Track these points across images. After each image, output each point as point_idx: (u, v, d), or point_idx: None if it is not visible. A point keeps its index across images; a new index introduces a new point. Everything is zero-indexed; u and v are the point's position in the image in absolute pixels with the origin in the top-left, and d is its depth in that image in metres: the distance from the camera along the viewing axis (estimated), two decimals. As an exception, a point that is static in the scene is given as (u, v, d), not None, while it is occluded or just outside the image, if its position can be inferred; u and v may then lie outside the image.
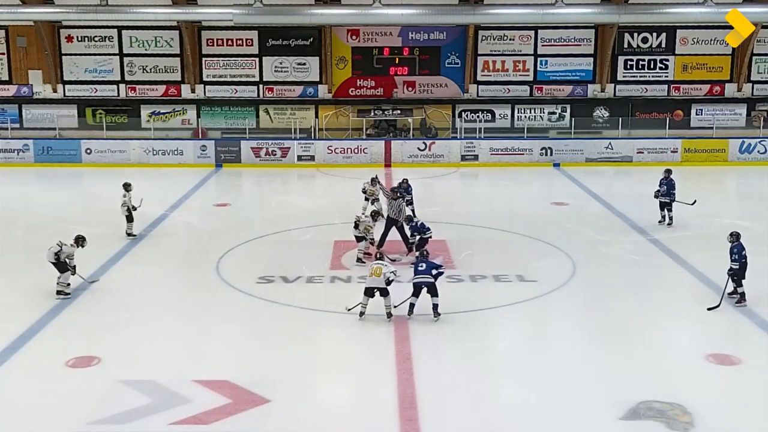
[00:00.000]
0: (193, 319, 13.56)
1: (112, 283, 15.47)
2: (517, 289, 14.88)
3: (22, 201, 24.32)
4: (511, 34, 32.36)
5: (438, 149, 30.62)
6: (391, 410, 9.88)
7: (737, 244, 13.72)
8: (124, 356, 11.68)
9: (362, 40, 32.51)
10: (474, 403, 10.22)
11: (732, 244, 13.75)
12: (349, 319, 13.14)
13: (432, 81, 32.80)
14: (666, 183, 19.70)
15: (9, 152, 30.77)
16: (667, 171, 20.10)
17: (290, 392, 10.42)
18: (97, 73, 32.94)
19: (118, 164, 29.92)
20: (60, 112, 32.89)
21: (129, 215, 18.69)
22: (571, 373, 11.14)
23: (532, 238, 18.76)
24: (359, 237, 16.60)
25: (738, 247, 13.68)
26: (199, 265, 16.64)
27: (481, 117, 32.57)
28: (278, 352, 11.94)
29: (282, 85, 32.96)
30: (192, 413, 9.68)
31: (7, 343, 11.99)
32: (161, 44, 32.71)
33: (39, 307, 13.68)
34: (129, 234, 18.68)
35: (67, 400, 10.17)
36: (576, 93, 32.90)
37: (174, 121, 33.15)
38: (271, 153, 30.51)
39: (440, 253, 17.14)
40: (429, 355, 11.68)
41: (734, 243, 13.74)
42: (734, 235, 13.87)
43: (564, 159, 30.31)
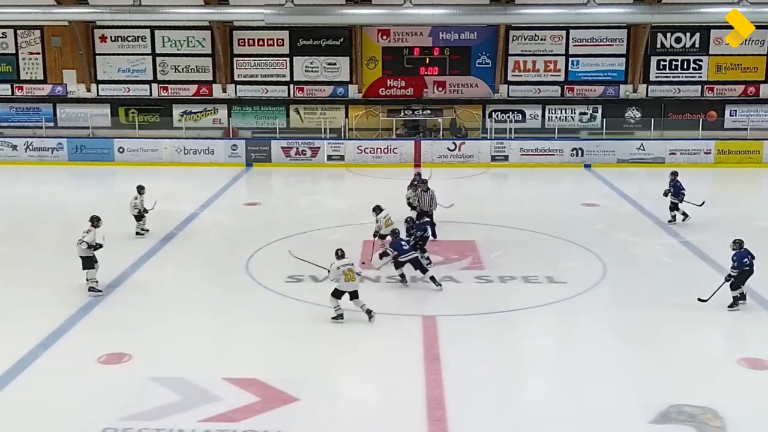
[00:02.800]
0: (223, 317, 13.65)
1: (143, 280, 15.63)
2: (547, 291, 14.80)
3: (55, 199, 24.60)
4: (543, 34, 32.15)
5: (468, 149, 30.54)
6: (419, 410, 9.85)
7: (738, 252, 13.54)
8: (154, 353, 11.76)
9: (393, 40, 32.51)
10: (502, 405, 10.18)
11: (734, 251, 13.59)
12: (378, 319, 13.12)
13: (462, 81, 32.69)
14: (673, 185, 19.68)
15: (43, 150, 31.15)
16: (673, 173, 20.08)
17: (319, 391, 10.43)
18: (130, 72, 33.27)
19: (150, 163, 30.22)
20: (93, 111, 33.24)
21: (138, 215, 18.76)
22: (600, 376, 11.06)
23: (562, 239, 18.65)
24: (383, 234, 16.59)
25: (739, 255, 13.50)
26: (229, 264, 16.75)
27: (511, 117, 32.41)
28: (307, 351, 11.97)
29: (312, 84, 33.04)
30: (221, 411, 9.72)
31: (40, 340, 12.09)
32: (193, 44, 32.96)
33: (71, 303, 13.81)
34: (138, 233, 18.72)
35: (98, 396, 10.23)
36: (608, 93, 32.62)
37: (205, 120, 33.37)
38: (301, 153, 30.60)
39: (469, 254, 17.14)
40: (457, 356, 11.63)
41: (736, 251, 13.57)
42: (737, 242, 13.70)
43: (595, 160, 30.09)
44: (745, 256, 13.54)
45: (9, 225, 20.73)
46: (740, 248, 13.63)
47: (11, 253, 17.71)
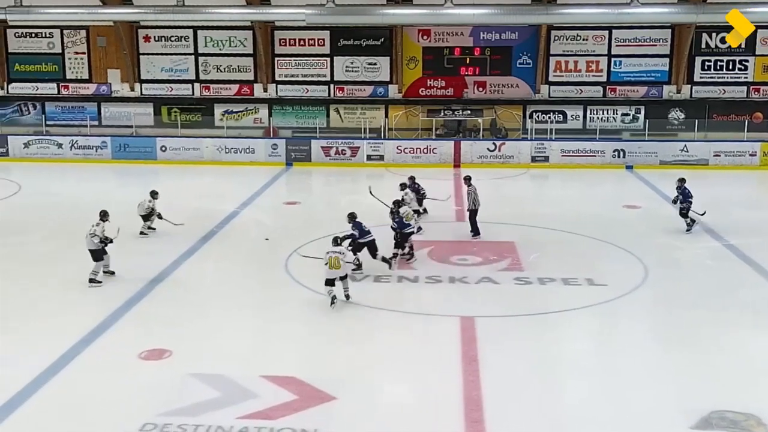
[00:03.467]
0: (262, 315, 13.72)
1: (184, 277, 15.78)
2: (587, 293, 14.62)
3: (99, 196, 24.77)
4: (585, 34, 31.99)
5: (508, 150, 30.42)
6: (456, 412, 9.80)
7: None
8: (194, 350, 11.85)
9: (433, 40, 32.51)
10: (541, 407, 10.09)
11: None
12: (416, 319, 13.15)
13: (503, 81, 32.59)
14: (681, 192, 19.36)
15: (88, 149, 31.64)
16: (680, 180, 19.68)
17: (356, 390, 10.43)
18: (173, 72, 33.71)
19: (191, 161, 30.58)
20: (137, 110, 33.75)
21: (145, 216, 19.01)
22: (641, 380, 10.90)
23: (603, 241, 18.47)
24: None
25: None
26: (269, 262, 16.79)
27: (552, 118, 32.25)
28: (345, 350, 11.98)
29: (353, 84, 33.17)
30: (259, 408, 9.75)
31: (83, 335, 12.25)
32: (235, 44, 33.28)
33: (113, 299, 13.98)
34: (143, 233, 18.89)
35: (138, 392, 10.32)
36: (651, 94, 32.28)
37: (246, 119, 33.64)
38: (340, 152, 30.71)
39: (508, 255, 17.07)
40: (496, 357, 11.55)
41: None
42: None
43: (637, 161, 29.80)
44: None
45: (55, 222, 20.99)
46: None
47: (57, 249, 17.91)
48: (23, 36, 34.11)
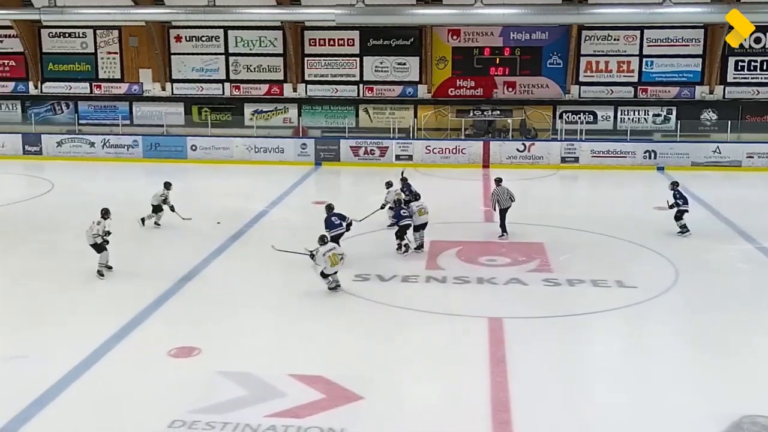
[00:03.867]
0: (290, 313, 13.74)
1: (213, 275, 15.88)
2: (616, 295, 14.52)
3: (130, 195, 25.01)
4: (616, 34, 31.73)
5: (537, 151, 30.23)
6: (483, 413, 9.77)
7: None
8: (223, 348, 11.91)
9: (463, 40, 32.44)
10: (569, 410, 10.03)
11: None
12: (444, 319, 13.13)
13: (533, 81, 32.45)
14: (677, 195, 19.19)
15: (120, 147, 31.92)
16: (674, 183, 19.63)
17: (383, 390, 10.44)
18: (204, 72, 33.96)
19: (221, 161, 30.74)
20: (168, 109, 34.07)
21: (156, 207, 19.64)
22: (670, 383, 10.80)
23: (633, 242, 18.32)
24: None
25: None
26: (297, 261, 16.53)
27: (582, 118, 32.04)
28: (373, 350, 11.99)
29: (382, 84, 33.21)
30: (287, 407, 9.78)
31: (113, 332, 12.36)
32: (265, 44, 33.44)
33: (144, 296, 14.09)
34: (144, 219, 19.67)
35: (168, 389, 10.41)
36: (683, 95, 31.97)
37: (276, 119, 33.81)
38: (369, 152, 30.71)
39: (537, 256, 17.00)
40: (523, 359, 11.51)
41: None
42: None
43: (668, 162, 29.45)
44: None
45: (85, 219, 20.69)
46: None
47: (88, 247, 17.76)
48: (57, 36, 34.56)
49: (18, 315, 13.60)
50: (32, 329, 12.78)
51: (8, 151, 32.30)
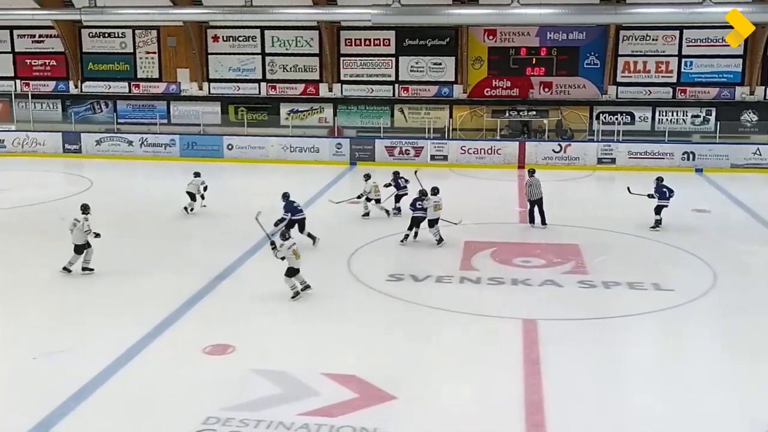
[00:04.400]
0: (324, 312, 13.71)
1: (248, 274, 15.94)
2: (653, 298, 14.33)
3: (168, 193, 25.22)
4: (655, 34, 31.44)
5: (574, 151, 30.03)
6: (517, 415, 9.71)
7: None
8: (257, 346, 11.95)
9: (499, 40, 32.32)
10: (603, 413, 9.93)
11: None
12: (478, 320, 13.07)
13: (569, 82, 32.26)
14: (657, 189, 19.92)
15: (157, 146, 32.28)
16: (658, 179, 20.26)
17: (416, 390, 10.40)
18: (240, 72, 34.19)
19: (257, 160, 30.92)
20: (204, 109, 34.36)
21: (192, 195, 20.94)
22: (707, 388, 10.64)
23: (670, 245, 18.09)
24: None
25: None
26: (331, 261, 16.82)
27: (619, 119, 31.77)
28: (406, 350, 11.92)
29: (417, 84, 33.20)
30: (320, 405, 9.77)
31: (149, 329, 12.43)
32: (301, 44, 33.61)
33: (179, 294, 14.16)
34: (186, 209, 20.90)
35: (203, 386, 10.42)
36: (722, 96, 31.59)
37: (311, 119, 33.96)
38: (404, 152, 30.69)
39: (572, 257, 16.86)
40: (558, 361, 11.40)
41: None
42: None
43: (707, 164, 29.14)
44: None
45: (124, 217, 21.33)
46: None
47: (125, 245, 18.11)
48: (97, 36, 35.05)
49: (56, 311, 13.75)
50: (69, 326, 12.93)
51: (48, 149, 32.81)
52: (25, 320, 13.12)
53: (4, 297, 14.54)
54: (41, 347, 11.77)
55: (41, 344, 11.92)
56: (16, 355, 11.59)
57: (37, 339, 12.19)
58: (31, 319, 13.20)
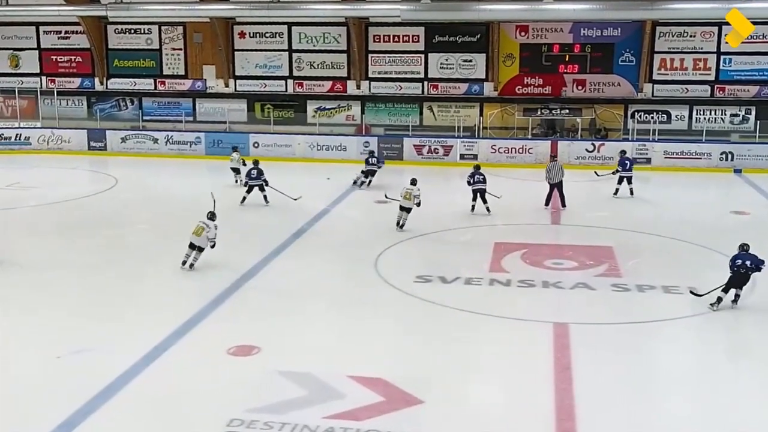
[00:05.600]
0: (350, 314, 13.62)
1: (273, 274, 15.82)
2: (689, 303, 13.93)
3: (192, 191, 25.18)
4: (692, 30, 30.83)
5: (607, 151, 29.52)
6: (547, 421, 9.53)
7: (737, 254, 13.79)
8: (282, 347, 11.87)
9: (531, 37, 31.88)
10: (636, 421, 9.63)
11: None
12: (508, 324, 12.94)
13: (604, 79, 31.77)
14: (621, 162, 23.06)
15: (182, 144, 32.30)
16: (622, 152, 24.00)
17: (444, 394, 10.26)
18: (267, 68, 34.11)
19: (283, 158, 30.68)
20: (230, 106, 34.29)
21: (237, 169, 23.82)
22: (742, 397, 10.28)
23: (707, 248, 17.67)
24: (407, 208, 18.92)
25: (734, 256, 13.79)
26: (358, 261, 16.70)
27: (655, 118, 31.31)
28: (433, 353, 11.78)
29: (447, 82, 32.90)
30: (346, 409, 9.69)
31: (174, 328, 12.37)
32: (329, 40, 33.42)
33: (205, 294, 14.09)
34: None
35: (227, 387, 10.39)
36: (763, 94, 30.95)
37: (339, 116, 33.80)
38: (433, 151, 30.47)
39: (606, 260, 16.60)
40: (590, 366, 11.16)
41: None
42: (740, 246, 13.98)
43: (746, 165, 28.56)
44: (738, 258, 13.66)
45: (150, 216, 21.43)
46: (740, 251, 13.82)
47: (150, 243, 18.27)
48: (123, 32, 35.05)
49: (83, 309, 13.69)
50: (97, 324, 12.84)
51: (74, 146, 32.88)
52: (51, 319, 13.06)
53: (28, 296, 14.43)
54: (66, 346, 11.72)
55: (66, 343, 11.86)
56: (41, 354, 11.54)
57: (62, 338, 12.13)
58: (57, 318, 13.14)
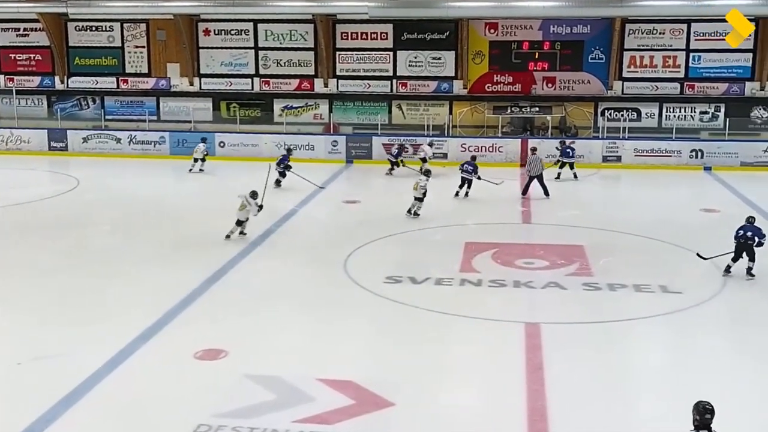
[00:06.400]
0: (320, 316, 13.48)
1: (241, 276, 15.65)
2: (660, 301, 14.04)
3: (157, 192, 24.91)
4: (662, 27, 30.77)
5: (578, 149, 29.17)
6: (519, 422, 9.49)
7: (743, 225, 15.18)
8: (250, 351, 11.74)
9: (500, 34, 31.67)
10: (608, 421, 9.60)
11: None
12: (479, 324, 12.92)
13: (573, 77, 31.66)
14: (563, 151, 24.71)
15: (146, 144, 31.79)
16: (562, 142, 25.69)
17: (415, 397, 10.18)
18: (233, 66, 33.64)
19: (250, 158, 30.28)
20: (195, 105, 33.72)
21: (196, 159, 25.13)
22: (717, 394, 9.83)
23: (679, 246, 17.61)
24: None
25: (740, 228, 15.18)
26: (327, 262, 16.54)
27: (625, 116, 31.29)
28: (404, 355, 11.67)
29: (416, 80, 32.64)
30: (315, 412, 9.62)
31: (139, 333, 12.16)
32: (296, 38, 33.01)
33: (170, 297, 13.84)
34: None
35: (193, 392, 10.28)
36: (732, 91, 30.99)
37: (306, 115, 33.44)
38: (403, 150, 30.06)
39: (577, 259, 16.59)
40: (562, 367, 11.13)
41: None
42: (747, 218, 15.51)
43: (716, 162, 28.64)
44: (741, 229, 15.12)
45: (111, 217, 21.15)
46: (746, 222, 15.27)
47: (114, 245, 18.05)
48: (84, 29, 34.25)
49: (44, 313, 13.42)
50: (58, 328, 12.65)
51: (34, 147, 32.24)
52: (11, 324, 12.83)
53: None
54: (27, 352, 11.50)
55: (27, 349, 11.62)
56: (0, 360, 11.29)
57: (23, 343, 11.91)
58: (16, 323, 12.91)
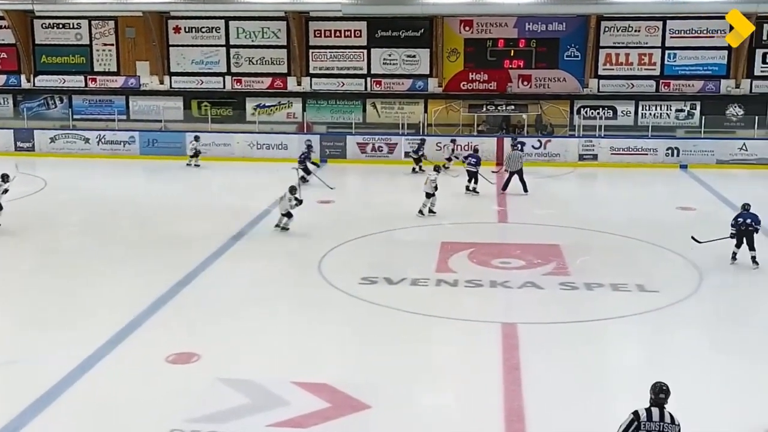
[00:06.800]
0: (294, 318, 13.42)
1: (213, 278, 15.46)
2: (637, 300, 14.01)
3: (127, 193, 24.60)
4: (637, 24, 30.81)
5: (554, 148, 29.56)
6: (496, 423, 9.41)
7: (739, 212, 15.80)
8: (223, 354, 11.61)
9: (476, 31, 31.60)
10: (586, 421, 9.49)
11: None
12: (455, 325, 12.81)
13: (549, 75, 31.67)
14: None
15: (116, 144, 31.43)
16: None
17: (391, 398, 10.09)
18: (204, 64, 33.31)
19: (222, 158, 30.16)
20: (166, 104, 33.37)
21: None
22: (694, 392, 10.10)
23: (655, 245, 17.66)
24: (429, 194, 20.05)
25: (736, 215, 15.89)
26: (301, 264, 16.43)
27: (601, 114, 31.37)
28: (380, 357, 11.60)
29: (390, 78, 32.48)
30: (290, 416, 9.52)
31: (109, 337, 11.98)
32: (268, 35, 32.72)
33: (140, 300, 13.64)
34: None
35: (165, 397, 10.16)
36: (707, 89, 31.12)
37: (279, 114, 33.19)
38: (377, 149, 30.11)
39: (553, 258, 16.54)
40: (539, 367, 11.08)
41: None
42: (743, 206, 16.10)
43: (692, 160, 28.76)
44: (739, 217, 15.73)
45: (80, 219, 20.96)
46: (742, 210, 15.85)
47: (82, 247, 17.83)
48: (50, 27, 33.72)
49: (12, 317, 13.29)
50: (27, 332, 12.51)
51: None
52: None
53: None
54: None
55: None
56: None
57: None
58: None
